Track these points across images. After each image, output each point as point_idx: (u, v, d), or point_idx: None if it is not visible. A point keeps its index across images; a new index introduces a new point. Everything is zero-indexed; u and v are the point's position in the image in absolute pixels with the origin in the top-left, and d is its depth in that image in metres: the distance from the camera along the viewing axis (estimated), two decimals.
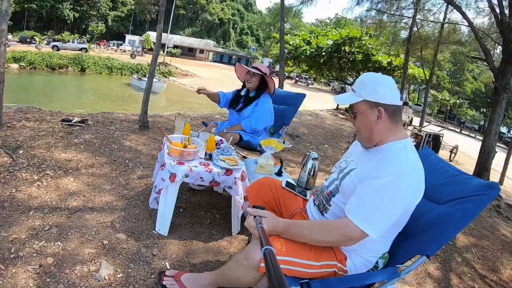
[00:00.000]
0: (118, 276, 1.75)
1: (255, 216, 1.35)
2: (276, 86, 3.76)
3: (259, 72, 3.12)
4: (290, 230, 1.39)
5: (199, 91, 3.24)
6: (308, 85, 37.47)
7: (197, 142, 2.44)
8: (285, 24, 7.85)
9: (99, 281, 1.68)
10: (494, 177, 7.63)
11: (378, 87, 1.42)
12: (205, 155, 2.35)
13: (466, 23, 6.01)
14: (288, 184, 1.98)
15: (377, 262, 1.58)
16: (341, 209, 1.47)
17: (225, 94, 3.42)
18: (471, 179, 1.61)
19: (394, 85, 1.46)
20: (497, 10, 5.68)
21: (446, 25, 10.80)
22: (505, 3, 5.69)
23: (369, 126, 1.44)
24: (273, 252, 0.93)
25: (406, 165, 1.34)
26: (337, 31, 25.78)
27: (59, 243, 1.90)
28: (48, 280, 1.62)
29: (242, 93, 3.29)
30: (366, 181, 1.37)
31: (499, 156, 7.64)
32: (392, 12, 10.99)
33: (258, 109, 3.15)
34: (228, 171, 2.26)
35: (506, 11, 5.64)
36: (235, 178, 2.29)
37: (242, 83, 3.33)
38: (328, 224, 1.42)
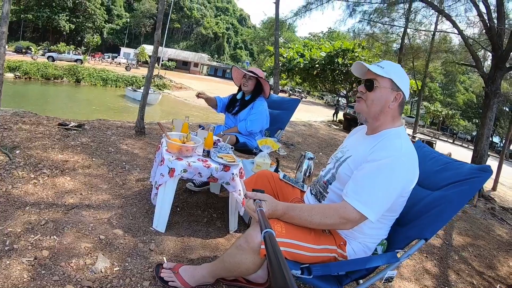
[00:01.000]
0: (115, 269, 1.73)
1: (254, 200, 1.35)
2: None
3: (255, 76, 3.15)
4: (289, 213, 1.40)
5: (198, 95, 3.29)
6: (302, 99, 37.75)
7: (195, 139, 2.44)
8: (279, 39, 7.93)
9: (95, 273, 1.65)
10: (487, 183, 7.66)
11: (404, 77, 1.49)
12: (203, 151, 2.36)
13: (456, 32, 6.14)
14: (285, 176, 1.99)
15: (376, 249, 1.59)
16: (339, 196, 1.49)
17: (221, 99, 3.47)
18: (464, 164, 1.65)
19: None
20: (485, 17, 5.81)
21: (437, 35, 11.02)
22: (493, 10, 5.83)
23: (383, 104, 1.48)
24: (273, 235, 0.93)
25: (400, 149, 1.38)
26: (330, 43, 26.11)
27: (55, 237, 1.87)
28: (43, 272, 1.59)
29: (238, 96, 3.33)
30: (362, 165, 1.40)
31: (491, 165, 7.71)
32: (384, 24, 11.19)
33: (253, 112, 3.18)
34: (226, 167, 2.25)
35: (495, 19, 5.77)
36: (232, 174, 2.28)
37: (238, 87, 3.36)
38: (326, 207, 1.43)
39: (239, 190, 2.34)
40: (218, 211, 2.79)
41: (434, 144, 7.57)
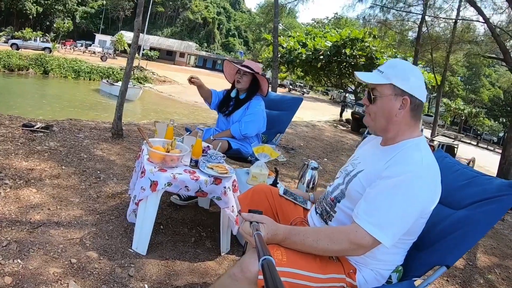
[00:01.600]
0: None
1: (251, 222, 1.33)
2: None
3: (250, 71, 3.14)
4: (291, 238, 1.39)
5: (191, 79, 3.21)
6: (303, 94, 37.76)
7: (181, 147, 2.43)
8: (278, 26, 7.94)
9: None
10: None
11: (410, 76, 1.45)
12: (191, 161, 2.35)
13: (481, 20, 6.15)
14: (286, 192, 1.98)
15: (390, 277, 1.58)
16: (348, 215, 1.48)
17: (218, 93, 3.42)
18: (492, 180, 1.64)
19: (423, 80, 1.50)
20: None
21: (459, 23, 11.03)
22: None
23: (387, 114, 1.46)
24: (272, 263, 0.92)
25: (420, 163, 1.36)
26: (337, 31, 26.16)
27: (19, 260, 1.86)
28: None
29: (232, 94, 3.30)
30: (376, 182, 1.39)
31: None
32: (398, 10, 11.20)
33: (249, 113, 3.17)
34: (217, 180, 2.25)
35: None
36: (224, 187, 2.28)
37: (231, 84, 3.35)
38: (334, 230, 1.42)
39: (232, 206, 2.34)
40: (208, 229, 2.79)
41: (456, 149, 7.58)
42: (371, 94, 1.48)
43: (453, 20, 11.37)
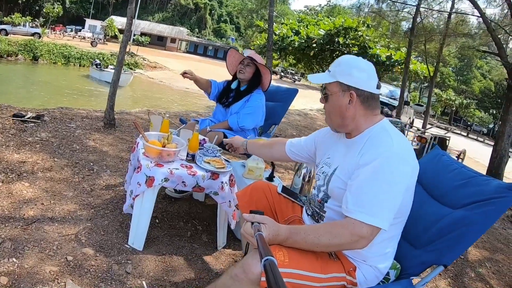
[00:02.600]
0: None
1: (252, 223, 1.33)
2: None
3: (254, 62, 3.12)
4: (293, 237, 1.39)
5: (184, 74, 3.17)
6: (294, 81, 37.51)
7: (177, 141, 2.40)
8: (273, 14, 7.83)
9: None
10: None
11: (353, 70, 1.48)
12: (187, 155, 2.33)
13: (476, 13, 6.13)
14: (284, 189, 1.98)
15: (388, 274, 1.61)
16: (338, 213, 1.50)
17: (218, 84, 3.38)
18: (490, 181, 1.66)
19: (372, 71, 1.52)
20: None
21: (453, 16, 11.02)
22: None
23: (339, 111, 1.51)
24: (274, 263, 0.93)
25: (391, 143, 1.40)
26: (330, 20, 26.03)
27: (14, 259, 1.83)
28: None
29: (233, 86, 3.27)
30: (355, 173, 1.42)
31: (510, 160, 7.85)
32: (393, 0, 11.14)
33: (249, 105, 3.15)
34: (215, 175, 2.24)
35: None
36: (222, 182, 2.27)
37: (232, 76, 3.33)
38: (334, 225, 1.42)
39: (229, 201, 2.33)
40: (204, 222, 2.78)
41: (448, 141, 7.63)
42: (324, 94, 1.55)
43: (448, 11, 11.34)
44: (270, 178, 2.82)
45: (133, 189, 2.16)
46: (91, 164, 3.26)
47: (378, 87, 1.53)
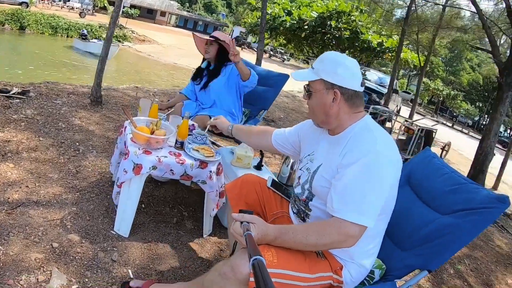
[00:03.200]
0: (73, 287, 1.70)
1: (242, 222, 1.33)
2: (253, 62, 3.72)
3: (216, 40, 3.14)
4: (281, 237, 1.40)
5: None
6: (283, 61, 37.24)
7: (166, 127, 2.35)
8: None
9: None
10: (489, 180, 8.00)
11: (337, 68, 1.47)
12: (176, 143, 2.29)
13: (472, 9, 6.09)
14: (273, 183, 1.97)
15: (373, 273, 1.63)
16: (323, 211, 1.51)
17: (187, 89, 3.46)
18: (480, 189, 1.67)
19: (357, 69, 1.52)
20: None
21: (449, 9, 10.99)
22: None
23: (323, 108, 1.50)
24: (263, 263, 0.93)
25: (375, 142, 1.41)
26: (323, 2, 25.73)
27: None
28: None
29: (203, 66, 3.35)
30: (340, 172, 1.42)
31: (496, 158, 8.00)
32: None
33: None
34: (203, 164, 2.21)
35: None
36: (210, 172, 2.25)
37: (203, 57, 3.37)
38: (321, 224, 1.43)
39: (216, 190, 2.32)
40: (189, 208, 2.77)
41: (434, 133, 7.68)
42: (307, 91, 1.54)
43: (443, 4, 11.29)
44: (259, 166, 2.81)
45: (120, 176, 2.12)
46: (77, 144, 3.20)
47: (362, 84, 1.52)
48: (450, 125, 33.84)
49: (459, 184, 1.71)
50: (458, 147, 15.01)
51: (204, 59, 3.35)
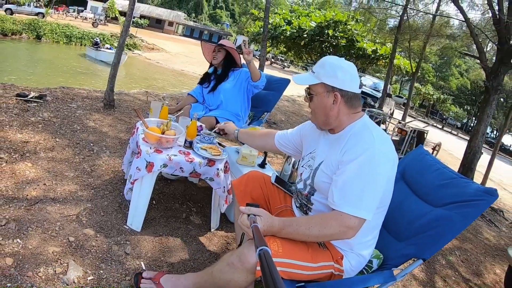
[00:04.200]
0: (89, 278, 1.69)
1: (248, 215, 1.34)
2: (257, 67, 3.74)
3: (223, 47, 3.22)
4: (286, 229, 1.40)
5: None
6: (283, 68, 37.24)
7: (176, 128, 2.35)
8: (269, 5, 7.68)
9: (67, 284, 1.61)
10: (477, 178, 8.00)
11: (337, 72, 1.47)
12: (185, 142, 2.29)
13: (461, 17, 6.10)
14: (277, 179, 1.97)
15: (371, 262, 1.64)
16: (324, 205, 1.52)
17: (195, 91, 3.47)
18: (470, 183, 1.68)
19: (355, 72, 1.52)
20: (496, 8, 5.81)
21: (439, 18, 11.02)
22: (505, 4, 5.80)
23: (324, 110, 1.51)
24: (269, 253, 0.93)
25: (373, 140, 1.41)
26: (321, 12, 25.79)
27: (18, 240, 1.79)
28: (8, 285, 1.52)
29: (210, 71, 3.39)
30: (340, 169, 1.43)
31: (482, 157, 8.07)
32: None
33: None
34: (211, 162, 2.21)
35: (505, 10, 5.74)
36: (217, 169, 2.24)
37: (209, 63, 3.41)
38: (323, 217, 1.43)
39: (224, 186, 2.31)
40: (198, 204, 2.76)
41: (426, 134, 7.67)
42: (310, 93, 1.53)
43: (433, 14, 11.32)
44: (262, 164, 2.80)
45: (132, 173, 2.12)
46: (91, 144, 3.19)
47: (360, 86, 1.53)
48: (440, 127, 33.82)
49: (451, 179, 1.72)
50: (448, 148, 14.98)
51: (211, 65, 3.38)
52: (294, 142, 1.88)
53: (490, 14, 6.10)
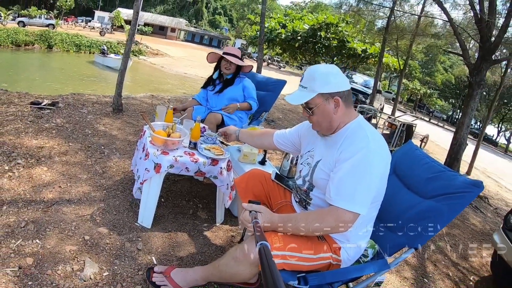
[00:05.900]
0: (104, 274, 1.69)
1: (250, 211, 1.35)
2: (254, 70, 3.78)
3: (238, 63, 3.23)
4: (286, 224, 1.41)
5: (174, 110, 3.21)
6: (280, 68, 37.19)
7: (181, 130, 2.35)
8: (261, 8, 7.66)
9: (84, 281, 1.61)
10: (463, 167, 8.02)
11: (329, 78, 1.46)
12: (190, 144, 2.28)
13: (444, 18, 6.09)
14: (277, 176, 1.97)
15: (367, 252, 1.65)
16: (322, 200, 1.52)
17: (199, 95, 3.46)
18: (457, 176, 1.68)
19: (340, 71, 1.52)
20: (477, 8, 5.79)
21: (424, 18, 11.01)
22: (486, 4, 5.78)
23: (327, 117, 1.49)
24: (268, 248, 0.93)
25: (367, 139, 1.41)
26: (314, 15, 25.72)
27: (37, 241, 1.79)
28: (30, 283, 1.52)
29: (214, 76, 3.39)
30: (337, 167, 1.43)
31: (467, 147, 8.11)
32: (369, 1, 11.05)
33: (250, 91, 3.35)
34: (214, 161, 2.20)
35: (486, 10, 5.73)
36: (221, 168, 2.24)
37: (214, 68, 3.42)
38: (320, 212, 1.45)
39: (227, 184, 2.31)
40: (203, 200, 2.76)
41: (414, 127, 7.67)
42: (308, 109, 1.50)
43: (418, 15, 11.31)
44: (263, 162, 2.80)
45: (141, 174, 2.11)
46: (102, 147, 3.19)
47: (349, 81, 1.52)
48: (427, 119, 33.77)
49: (439, 172, 1.72)
50: (435, 139, 14.96)
51: (215, 70, 3.38)
52: (293, 141, 1.87)
53: (472, 14, 6.08)
